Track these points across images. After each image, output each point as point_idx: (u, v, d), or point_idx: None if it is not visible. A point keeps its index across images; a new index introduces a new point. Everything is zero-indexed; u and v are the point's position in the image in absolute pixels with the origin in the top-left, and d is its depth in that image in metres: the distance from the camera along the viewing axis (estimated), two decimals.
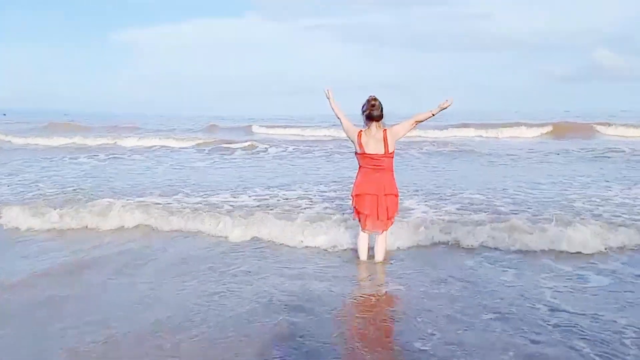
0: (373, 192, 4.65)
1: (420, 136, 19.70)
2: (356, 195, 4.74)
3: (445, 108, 4.54)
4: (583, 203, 7.04)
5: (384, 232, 4.82)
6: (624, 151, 14.12)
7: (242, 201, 7.55)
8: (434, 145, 16.16)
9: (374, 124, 4.59)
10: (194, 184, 9.41)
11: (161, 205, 7.05)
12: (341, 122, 4.76)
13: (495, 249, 5.21)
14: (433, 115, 4.58)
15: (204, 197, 7.88)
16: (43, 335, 3.45)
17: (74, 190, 8.87)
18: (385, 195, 4.66)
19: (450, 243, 5.40)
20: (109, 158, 14.72)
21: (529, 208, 6.75)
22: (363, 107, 4.62)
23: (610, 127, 23.76)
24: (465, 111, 38.40)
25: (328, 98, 4.86)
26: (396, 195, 4.77)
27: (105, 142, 20.08)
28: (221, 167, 12.86)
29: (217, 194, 8.21)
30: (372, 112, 4.55)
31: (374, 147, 4.60)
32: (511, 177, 9.81)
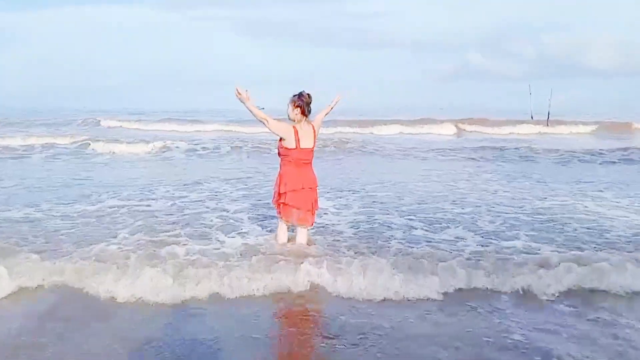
0: (308, 186, 4.79)
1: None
2: (293, 190, 4.73)
3: (338, 101, 4.93)
4: (474, 198, 7.62)
5: (308, 226, 4.93)
6: (501, 148, 15.74)
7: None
8: (332, 141, 16.35)
9: (305, 119, 4.74)
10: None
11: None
12: (267, 123, 4.62)
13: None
14: (332, 108, 4.97)
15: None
16: None
17: None
18: (316, 187, 4.91)
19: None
20: None
21: (428, 204, 7.14)
22: (296, 101, 4.68)
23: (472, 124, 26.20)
24: (358, 108, 39.60)
25: (242, 101, 4.51)
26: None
27: None
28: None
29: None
30: (308, 109, 4.72)
31: (306, 141, 4.73)
32: (410, 173, 10.34)
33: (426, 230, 5.75)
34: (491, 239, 5.42)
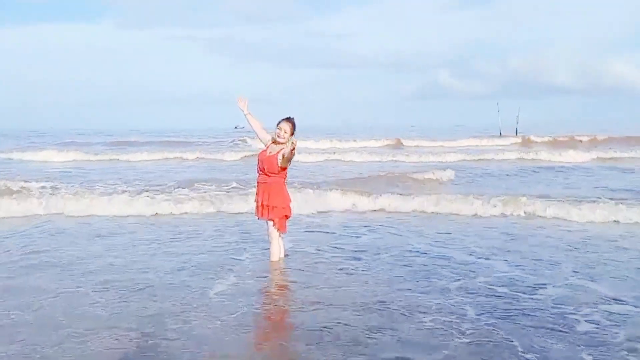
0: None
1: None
2: (289, 203, 5.28)
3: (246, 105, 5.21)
4: None
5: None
6: None
7: None
8: None
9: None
10: None
11: None
12: (292, 155, 5.09)
13: None
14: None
15: None
16: None
17: None
18: None
19: None
20: None
21: None
22: (292, 127, 5.11)
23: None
24: (328, 126, 37.64)
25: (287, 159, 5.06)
26: None
27: None
28: None
29: None
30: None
31: None
32: None
33: None
34: None
